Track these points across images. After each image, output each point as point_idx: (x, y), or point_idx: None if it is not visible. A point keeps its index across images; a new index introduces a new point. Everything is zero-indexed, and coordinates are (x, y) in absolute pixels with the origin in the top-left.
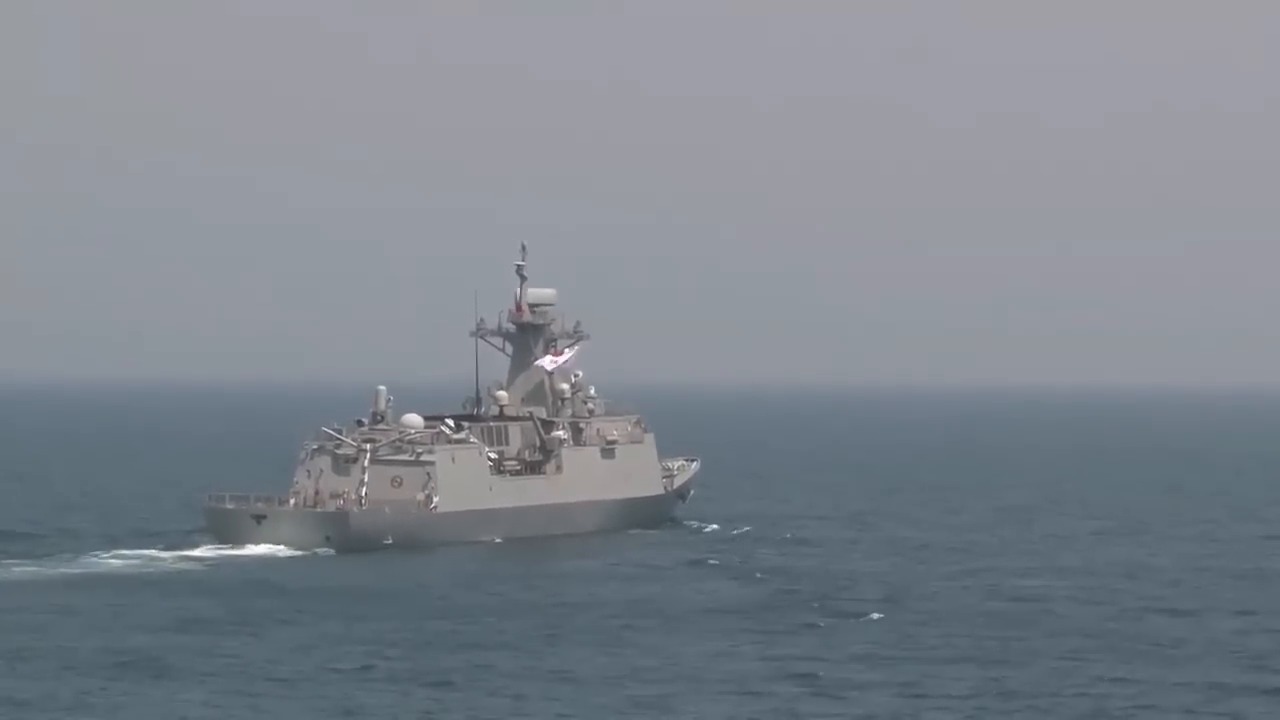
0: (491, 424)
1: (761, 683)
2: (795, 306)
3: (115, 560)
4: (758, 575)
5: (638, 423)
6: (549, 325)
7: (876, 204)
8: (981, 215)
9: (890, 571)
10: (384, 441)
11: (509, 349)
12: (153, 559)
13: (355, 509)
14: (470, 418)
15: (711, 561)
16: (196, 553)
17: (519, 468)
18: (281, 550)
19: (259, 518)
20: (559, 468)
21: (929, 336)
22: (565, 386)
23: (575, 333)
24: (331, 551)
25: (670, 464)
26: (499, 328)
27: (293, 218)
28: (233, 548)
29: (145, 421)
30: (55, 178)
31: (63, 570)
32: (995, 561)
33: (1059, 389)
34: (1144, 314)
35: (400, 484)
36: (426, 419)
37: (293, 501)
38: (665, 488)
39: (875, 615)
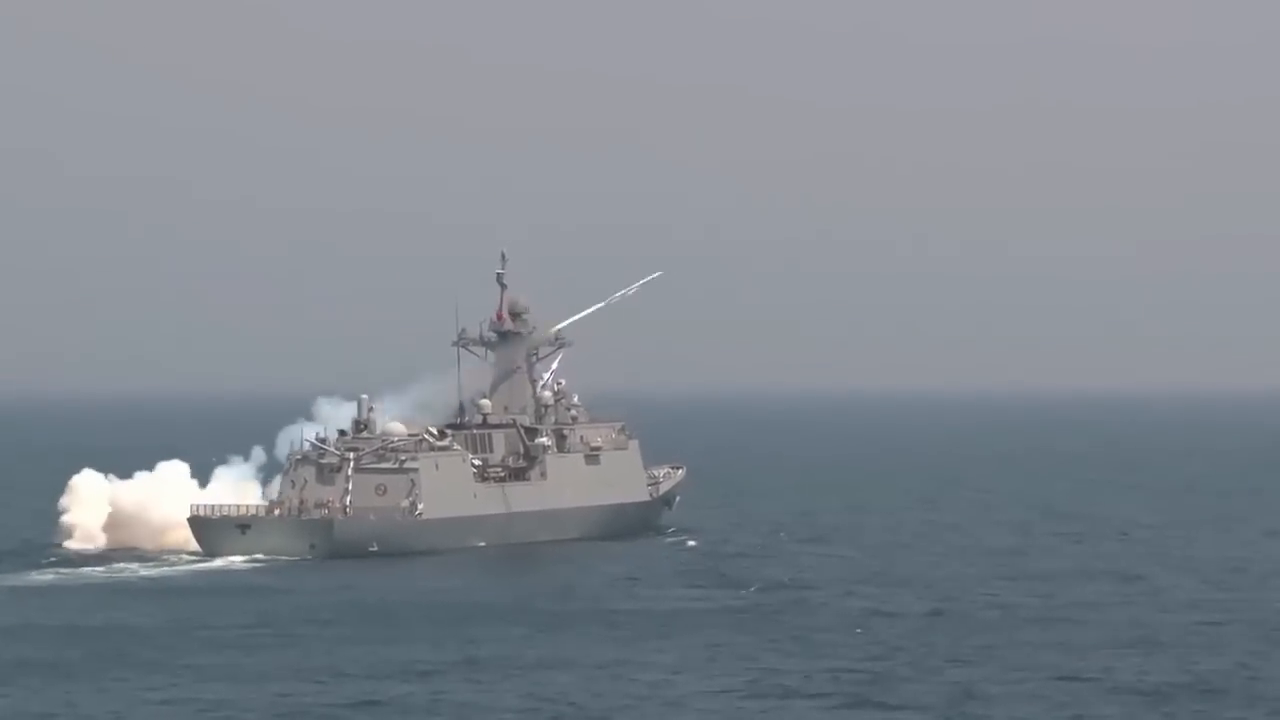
0: (475, 431)
1: (726, 694)
2: (785, 308)
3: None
4: (749, 584)
5: (622, 430)
6: (530, 333)
7: (864, 203)
8: (964, 217)
9: (869, 580)
10: (368, 450)
11: (490, 357)
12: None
13: (339, 517)
14: (454, 426)
15: (692, 568)
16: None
17: (503, 474)
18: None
19: (244, 527)
20: (543, 474)
21: (924, 339)
22: (548, 394)
23: (556, 340)
24: (309, 559)
25: (656, 471)
26: (480, 336)
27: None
28: (212, 557)
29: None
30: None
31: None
32: (982, 569)
33: (1050, 392)
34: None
35: (384, 492)
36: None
37: (277, 511)
38: (651, 494)
39: (854, 629)
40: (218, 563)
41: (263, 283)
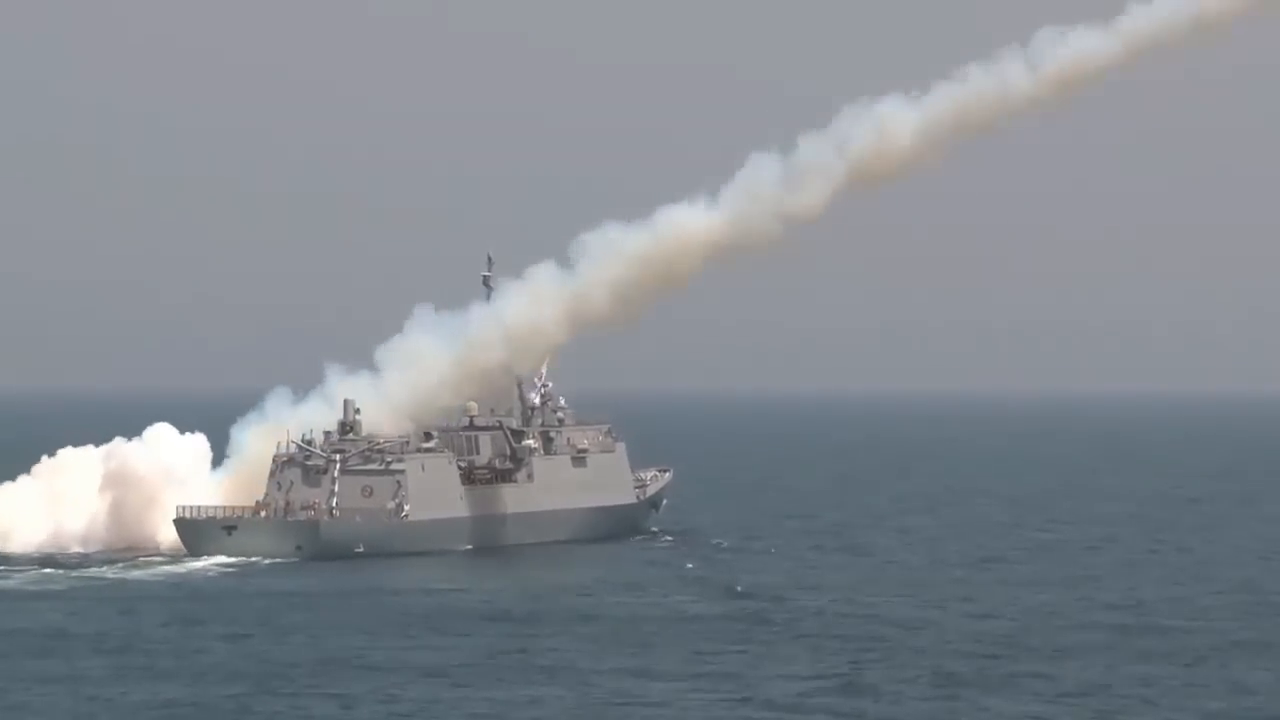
0: (461, 433)
1: (707, 703)
2: (780, 307)
3: None
4: (735, 589)
5: (608, 432)
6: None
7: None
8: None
9: (858, 587)
10: (354, 451)
11: None
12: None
13: (325, 518)
14: (440, 428)
15: (676, 572)
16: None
17: (489, 476)
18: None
19: (230, 528)
20: (529, 476)
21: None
22: (535, 396)
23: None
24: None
25: (643, 474)
26: None
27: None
28: (196, 559)
29: None
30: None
31: None
32: (972, 575)
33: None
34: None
35: (371, 493)
36: None
37: (263, 513)
38: (638, 497)
39: (840, 637)
40: (196, 564)
41: (248, 275)
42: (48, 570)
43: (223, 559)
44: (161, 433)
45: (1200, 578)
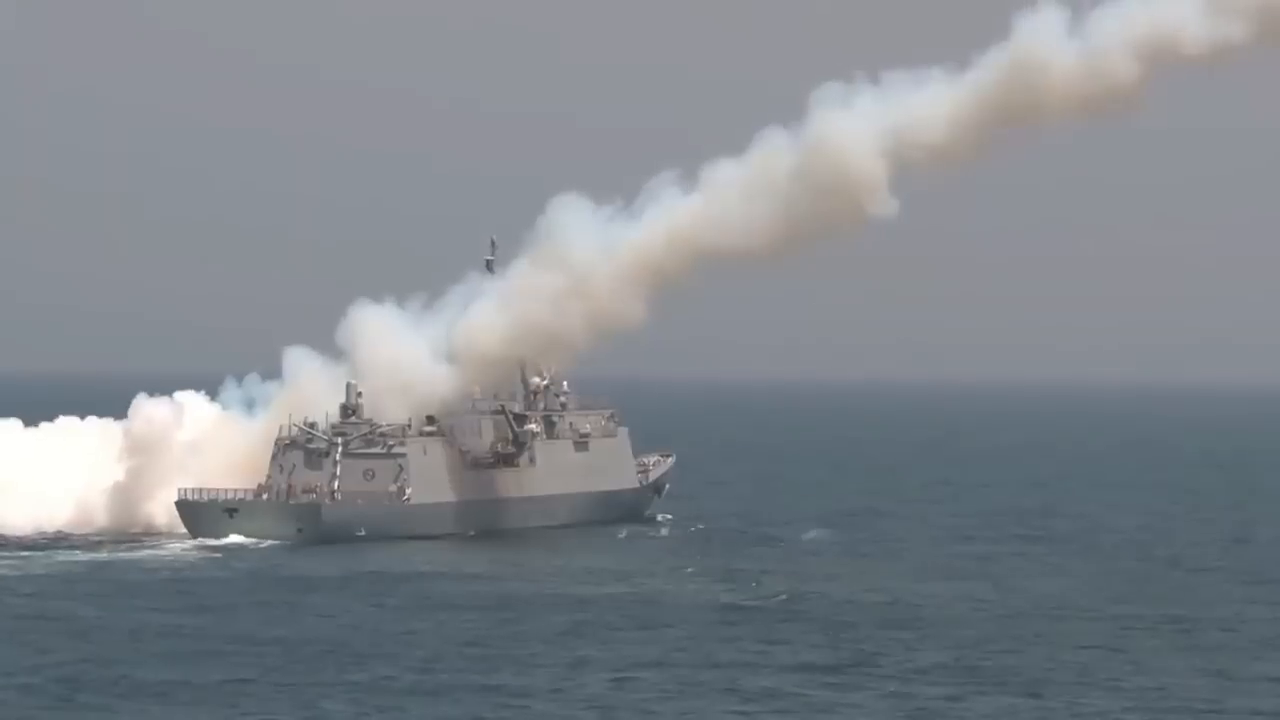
0: (464, 417)
1: (701, 695)
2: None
3: None
4: (740, 576)
5: (611, 417)
6: None
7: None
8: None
9: (867, 577)
10: (356, 435)
11: None
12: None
13: (327, 501)
14: (442, 411)
15: (677, 558)
16: None
17: (492, 461)
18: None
19: (231, 511)
20: (532, 460)
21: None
22: (538, 380)
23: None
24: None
25: (646, 459)
26: None
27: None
28: (202, 541)
29: None
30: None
31: None
32: (982, 569)
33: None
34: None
35: (373, 476)
36: None
37: (265, 495)
38: (640, 482)
39: (840, 619)
40: (181, 545)
41: (249, 260)
42: (25, 553)
43: (219, 541)
44: (190, 400)
45: (1222, 571)
